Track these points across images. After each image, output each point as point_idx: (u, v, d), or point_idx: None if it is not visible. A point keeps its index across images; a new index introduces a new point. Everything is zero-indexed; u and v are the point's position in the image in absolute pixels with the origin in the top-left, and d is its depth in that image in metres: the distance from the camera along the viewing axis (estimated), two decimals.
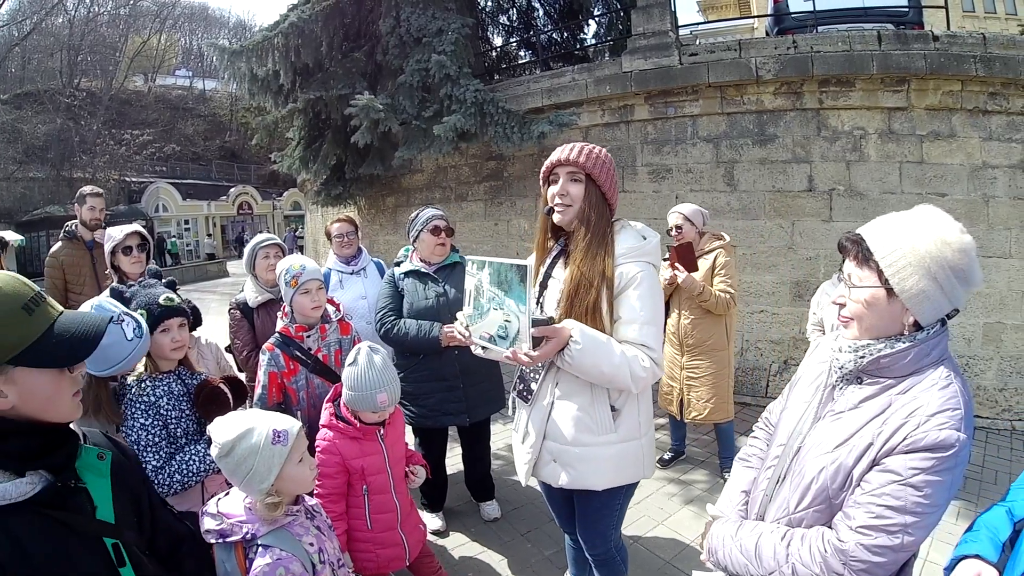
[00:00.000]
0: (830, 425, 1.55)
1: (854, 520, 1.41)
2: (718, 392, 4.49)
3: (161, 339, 2.39)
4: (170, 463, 2.28)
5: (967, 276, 1.41)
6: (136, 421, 2.28)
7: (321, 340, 3.18)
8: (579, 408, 2.24)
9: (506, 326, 2.08)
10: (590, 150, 2.23)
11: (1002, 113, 6.10)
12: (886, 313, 1.47)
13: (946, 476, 1.35)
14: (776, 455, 1.71)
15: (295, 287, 3.07)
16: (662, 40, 7.06)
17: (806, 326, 4.38)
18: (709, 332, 4.45)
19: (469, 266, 2.28)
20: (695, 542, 3.47)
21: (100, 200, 5.02)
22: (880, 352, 1.47)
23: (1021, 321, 6.09)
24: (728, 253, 4.45)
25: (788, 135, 6.58)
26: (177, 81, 52.77)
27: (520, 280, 1.99)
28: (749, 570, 1.60)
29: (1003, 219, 6.09)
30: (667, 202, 7.06)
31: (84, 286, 4.80)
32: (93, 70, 42.03)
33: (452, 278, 3.72)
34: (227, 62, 8.81)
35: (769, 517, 1.67)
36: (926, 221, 1.45)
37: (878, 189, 6.31)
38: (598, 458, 2.26)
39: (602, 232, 2.22)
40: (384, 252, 10.29)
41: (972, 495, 4.39)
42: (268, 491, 1.88)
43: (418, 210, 3.81)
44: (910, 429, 1.37)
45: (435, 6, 8.36)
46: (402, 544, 2.83)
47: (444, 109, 7.65)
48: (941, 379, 1.42)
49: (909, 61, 6.02)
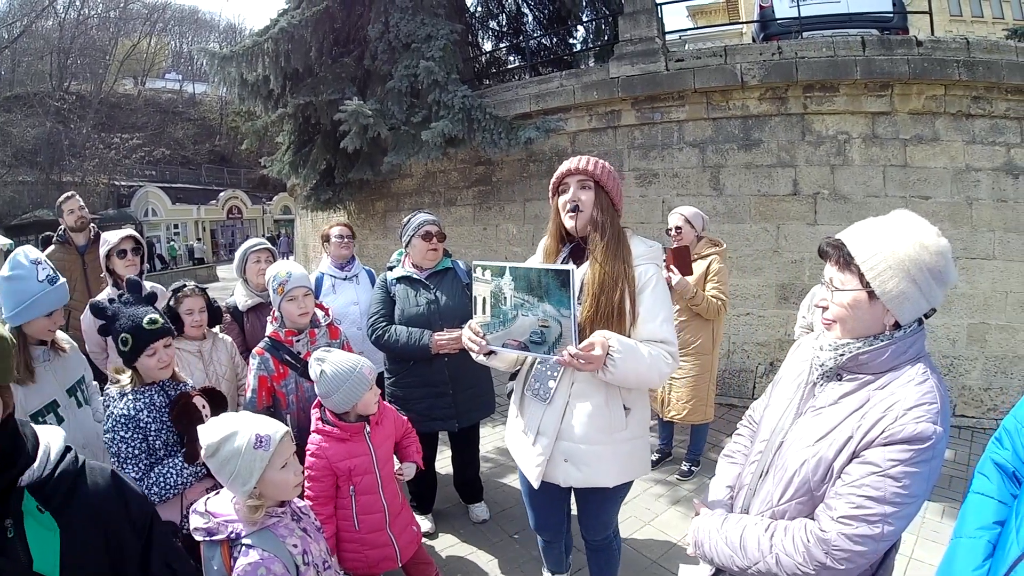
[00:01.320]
0: (811, 420, 1.59)
1: (835, 511, 1.44)
2: (698, 394, 4.55)
3: (148, 362, 2.40)
4: (149, 475, 2.30)
5: (944, 277, 1.46)
6: (116, 434, 2.30)
7: (310, 344, 3.19)
8: (594, 407, 2.30)
9: (543, 332, 2.09)
10: (596, 161, 2.35)
11: (985, 116, 6.19)
12: (868, 315, 1.52)
13: (923, 467, 1.39)
14: (759, 450, 1.75)
15: (282, 294, 3.09)
16: (649, 46, 7.12)
17: (794, 328, 4.43)
18: (696, 335, 4.49)
19: (479, 272, 2.27)
20: (682, 541, 3.52)
21: (74, 201, 5.01)
22: (859, 350, 1.52)
23: (1005, 321, 6.17)
24: (722, 260, 4.51)
25: (773, 140, 6.64)
26: (167, 85, 52.39)
27: (561, 285, 2.00)
28: (735, 561, 1.63)
29: (987, 221, 6.17)
30: (654, 206, 7.14)
31: (75, 291, 4.78)
32: (83, 73, 41.75)
33: (443, 284, 3.74)
34: (217, 67, 8.81)
35: (753, 510, 1.70)
36: (904, 225, 1.50)
37: (862, 193, 6.38)
38: (610, 456, 2.34)
39: (617, 235, 2.32)
40: (373, 257, 10.30)
41: (958, 493, 4.44)
42: (251, 493, 1.92)
43: (410, 215, 3.82)
44: (888, 422, 1.41)
45: (424, 12, 8.39)
46: (391, 545, 2.83)
47: (432, 115, 7.68)
48: (918, 375, 1.47)
49: (893, 66, 6.10)
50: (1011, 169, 6.15)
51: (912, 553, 3.65)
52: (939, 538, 3.81)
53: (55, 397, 2.57)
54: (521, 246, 8.19)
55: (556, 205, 2.42)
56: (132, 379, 2.42)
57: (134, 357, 2.38)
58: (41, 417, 2.50)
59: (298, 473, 2.07)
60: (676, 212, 4.59)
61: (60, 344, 2.75)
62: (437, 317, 3.61)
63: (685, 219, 4.51)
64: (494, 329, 2.24)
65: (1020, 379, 6.13)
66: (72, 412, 2.64)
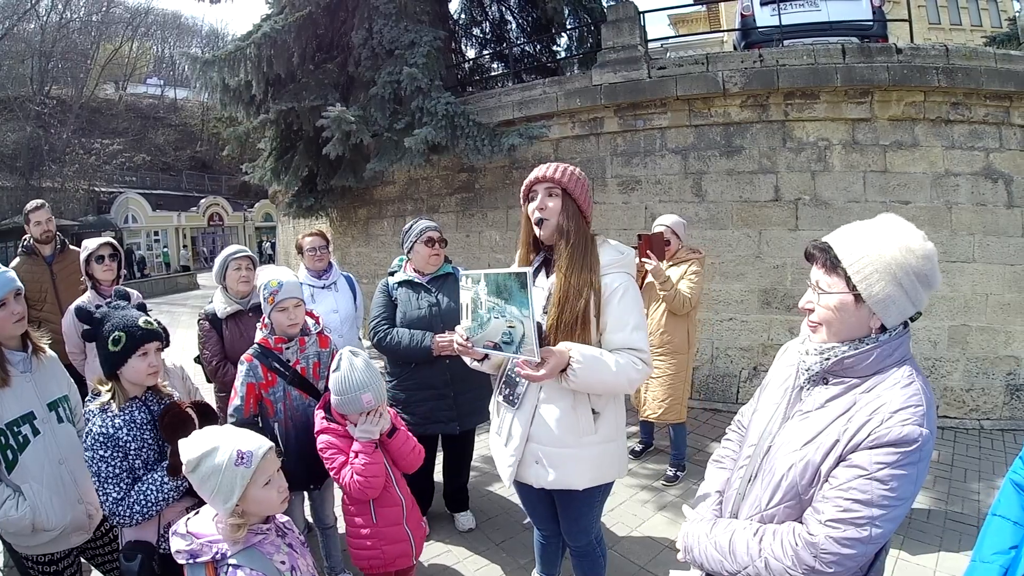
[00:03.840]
0: (798, 424, 1.59)
1: (823, 514, 1.45)
2: (673, 394, 4.67)
3: (139, 364, 2.34)
4: (130, 494, 2.25)
5: (929, 280, 1.47)
6: (95, 452, 2.24)
7: (300, 352, 3.15)
8: (562, 411, 2.34)
9: (511, 332, 2.16)
10: (564, 168, 2.38)
11: (964, 122, 6.27)
12: (854, 318, 1.52)
13: (911, 470, 1.39)
14: (748, 455, 1.75)
15: (272, 304, 3.04)
16: (631, 54, 7.15)
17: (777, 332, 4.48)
18: (672, 334, 4.63)
19: (464, 280, 2.35)
20: (670, 546, 3.51)
21: (43, 212, 4.90)
22: (844, 353, 1.52)
23: (986, 323, 6.26)
24: (700, 265, 4.63)
25: (754, 146, 6.69)
26: (148, 90, 51.91)
27: (521, 286, 2.08)
28: (724, 566, 1.63)
29: (966, 225, 6.26)
30: (636, 213, 7.16)
31: (45, 302, 4.72)
32: (64, 77, 41.12)
33: (445, 288, 3.81)
34: (199, 71, 8.72)
35: (742, 515, 1.70)
36: (890, 229, 1.51)
37: (843, 198, 6.44)
38: (580, 459, 2.37)
39: (584, 243, 2.35)
40: (356, 264, 10.25)
41: (943, 494, 4.49)
42: (234, 510, 1.88)
43: (412, 221, 3.88)
44: (874, 426, 1.42)
45: (408, 19, 8.38)
46: (408, 541, 2.84)
47: (416, 121, 7.65)
48: (903, 378, 1.47)
49: (872, 73, 6.17)
50: (990, 174, 6.24)
51: (899, 554, 3.68)
52: (925, 538, 3.87)
53: (32, 408, 2.51)
54: (504, 253, 8.19)
55: (526, 212, 2.46)
56: (114, 392, 2.35)
57: (124, 358, 2.31)
58: (16, 427, 2.44)
59: (283, 490, 2.02)
60: (659, 222, 4.75)
61: (40, 347, 2.69)
62: (439, 320, 3.70)
63: (670, 229, 4.66)
64: (475, 332, 2.32)
65: (1001, 379, 6.22)
66: (51, 426, 2.58)
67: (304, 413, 3.08)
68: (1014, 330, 6.19)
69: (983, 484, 4.67)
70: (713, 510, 1.86)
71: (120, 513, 2.23)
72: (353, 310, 4.54)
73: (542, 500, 2.68)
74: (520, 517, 4.15)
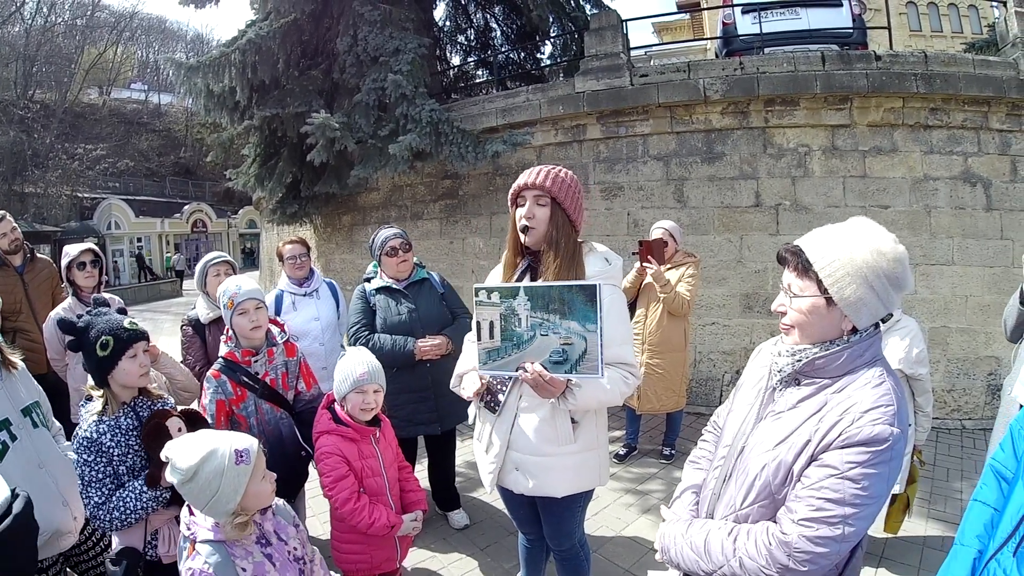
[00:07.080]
0: (771, 425, 1.61)
1: (796, 513, 1.47)
2: (673, 387, 4.90)
3: (129, 366, 2.33)
4: (110, 500, 2.25)
5: (901, 282, 1.49)
6: (80, 456, 2.26)
7: (268, 364, 3.06)
8: (541, 420, 2.33)
9: (565, 350, 2.03)
10: (555, 174, 2.31)
11: (943, 127, 6.37)
12: (826, 320, 1.54)
13: (882, 468, 1.42)
14: (723, 455, 1.77)
15: (232, 308, 2.95)
16: (614, 62, 7.20)
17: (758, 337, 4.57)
18: (669, 333, 4.81)
19: (482, 295, 2.16)
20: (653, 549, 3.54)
21: (6, 223, 4.66)
22: (816, 355, 1.55)
23: (965, 324, 6.36)
24: (696, 268, 4.84)
25: (735, 153, 6.76)
26: (132, 95, 51.27)
27: (587, 300, 1.95)
28: (700, 566, 1.64)
29: (945, 228, 6.36)
30: (619, 219, 7.20)
31: (20, 312, 4.62)
32: (48, 81, 40.59)
33: (422, 294, 3.91)
34: (183, 77, 8.67)
35: (718, 515, 1.72)
36: (861, 232, 1.53)
37: (823, 203, 6.52)
38: (559, 467, 2.36)
39: (571, 254, 2.31)
40: (340, 271, 10.21)
41: (925, 493, 4.51)
42: (234, 511, 1.88)
43: (375, 232, 3.92)
44: (845, 425, 1.44)
45: (393, 26, 8.37)
46: (395, 546, 2.85)
47: (400, 128, 7.64)
48: (874, 378, 1.50)
49: (852, 80, 6.25)
50: (968, 178, 6.34)
51: (883, 553, 3.74)
52: (908, 537, 3.90)
53: (7, 416, 2.51)
54: (488, 260, 8.17)
55: (514, 216, 2.40)
56: (106, 397, 2.36)
57: (114, 362, 2.31)
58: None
59: (272, 480, 2.02)
60: (658, 226, 4.93)
61: (11, 362, 2.68)
62: (418, 325, 3.81)
63: (669, 233, 4.86)
64: (506, 353, 2.14)
65: (982, 380, 6.32)
66: (27, 432, 2.56)
67: (276, 426, 3.02)
68: (994, 331, 6.26)
69: (965, 483, 4.73)
70: (689, 510, 1.88)
71: (100, 518, 2.23)
72: (335, 317, 4.54)
73: (524, 505, 2.69)
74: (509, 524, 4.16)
